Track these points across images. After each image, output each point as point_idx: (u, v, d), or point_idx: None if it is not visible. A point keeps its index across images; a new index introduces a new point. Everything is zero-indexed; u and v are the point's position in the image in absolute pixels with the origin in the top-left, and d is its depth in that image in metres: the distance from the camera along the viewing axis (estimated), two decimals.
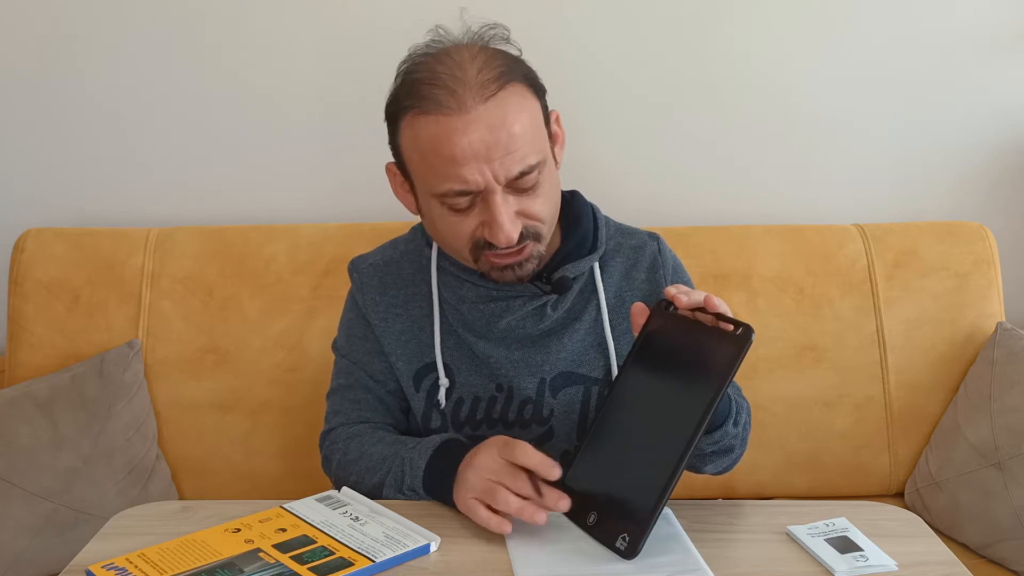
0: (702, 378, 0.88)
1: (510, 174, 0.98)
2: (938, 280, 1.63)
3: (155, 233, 1.66)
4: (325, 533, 0.92)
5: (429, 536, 0.92)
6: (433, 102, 0.97)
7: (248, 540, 0.91)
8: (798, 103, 1.77)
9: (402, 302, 1.15)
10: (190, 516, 0.98)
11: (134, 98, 1.74)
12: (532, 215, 1.03)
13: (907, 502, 1.60)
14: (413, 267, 1.16)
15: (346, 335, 1.19)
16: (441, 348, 1.12)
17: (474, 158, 0.97)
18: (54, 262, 1.61)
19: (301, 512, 0.96)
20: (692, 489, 1.55)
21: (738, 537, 0.97)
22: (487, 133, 0.96)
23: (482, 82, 0.97)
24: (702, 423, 0.86)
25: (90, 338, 1.59)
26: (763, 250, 1.65)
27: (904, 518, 1.01)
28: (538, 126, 1.02)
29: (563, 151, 1.11)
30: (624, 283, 1.15)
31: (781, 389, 1.61)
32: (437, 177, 0.99)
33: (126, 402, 1.54)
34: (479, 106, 0.97)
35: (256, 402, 1.60)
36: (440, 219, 1.04)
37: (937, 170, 1.81)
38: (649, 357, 0.95)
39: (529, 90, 1.02)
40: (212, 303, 1.61)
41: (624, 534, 0.88)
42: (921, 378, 1.62)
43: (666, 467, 0.87)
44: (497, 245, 1.01)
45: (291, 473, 1.59)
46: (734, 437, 1.05)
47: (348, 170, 1.77)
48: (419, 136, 0.99)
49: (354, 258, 1.21)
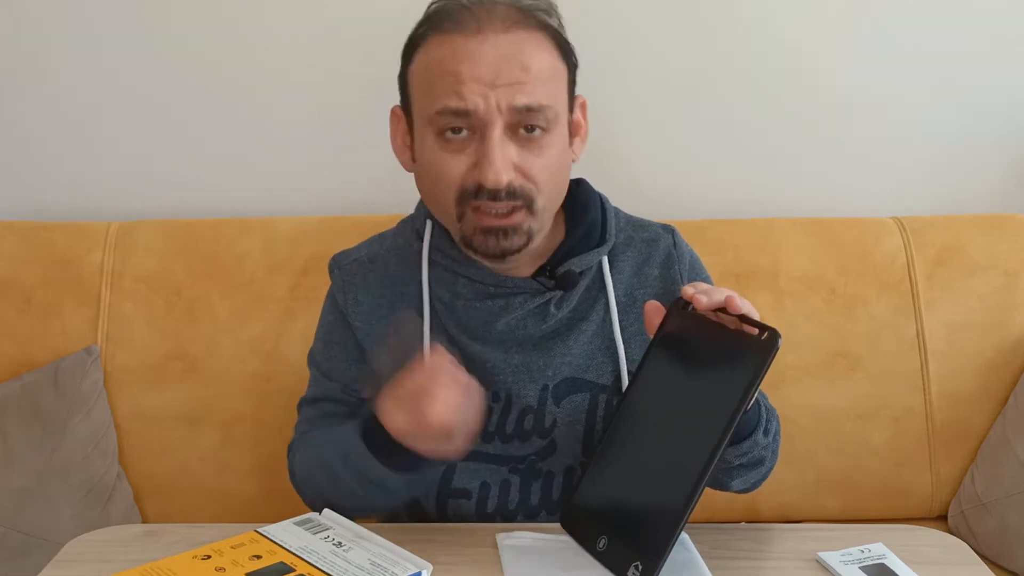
0: (725, 387, 0.88)
1: (513, 102, 1.00)
2: (985, 279, 1.63)
3: (116, 227, 1.66)
4: (304, 560, 0.92)
5: (420, 564, 0.91)
6: (454, 23, 1.01)
7: (219, 568, 0.90)
8: (827, 84, 1.77)
9: (388, 302, 1.15)
10: (155, 541, 0.98)
11: (93, 82, 1.74)
12: (529, 174, 1.03)
13: (951, 526, 1.60)
14: (401, 264, 1.16)
15: (323, 341, 1.19)
16: None
17: (478, 79, 0.99)
18: (3, 259, 1.62)
19: (278, 537, 0.96)
20: (712, 511, 1.55)
21: (764, 564, 0.97)
22: (498, 60, 0.99)
23: (509, 16, 1.02)
24: (724, 437, 0.86)
25: (43, 344, 1.59)
26: (790, 245, 1.65)
27: (947, 544, 1.01)
28: (558, 83, 1.05)
29: (583, 146, 1.13)
30: (635, 279, 1.15)
31: (810, 400, 1.60)
32: (435, 94, 1.01)
33: (83, 414, 1.53)
34: (499, 35, 1.00)
35: (228, 414, 1.59)
36: (431, 155, 1.04)
37: (983, 158, 1.81)
38: (665, 362, 0.95)
39: (557, 50, 1.05)
40: (179, 304, 1.61)
41: (637, 562, 0.88)
42: (966, 387, 1.62)
43: (685, 487, 0.87)
44: (484, 184, 1.00)
45: (266, 493, 1.59)
46: (764, 448, 1.04)
47: (329, 158, 1.77)
48: (430, 54, 1.03)
49: (335, 254, 1.21)
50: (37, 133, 1.76)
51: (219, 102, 1.76)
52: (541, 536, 0.99)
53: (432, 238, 1.13)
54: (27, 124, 1.76)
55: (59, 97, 1.75)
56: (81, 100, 1.75)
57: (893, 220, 1.69)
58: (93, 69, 1.74)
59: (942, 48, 1.76)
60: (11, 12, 1.72)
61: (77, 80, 1.74)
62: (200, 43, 1.74)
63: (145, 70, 1.74)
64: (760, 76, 1.77)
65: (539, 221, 1.06)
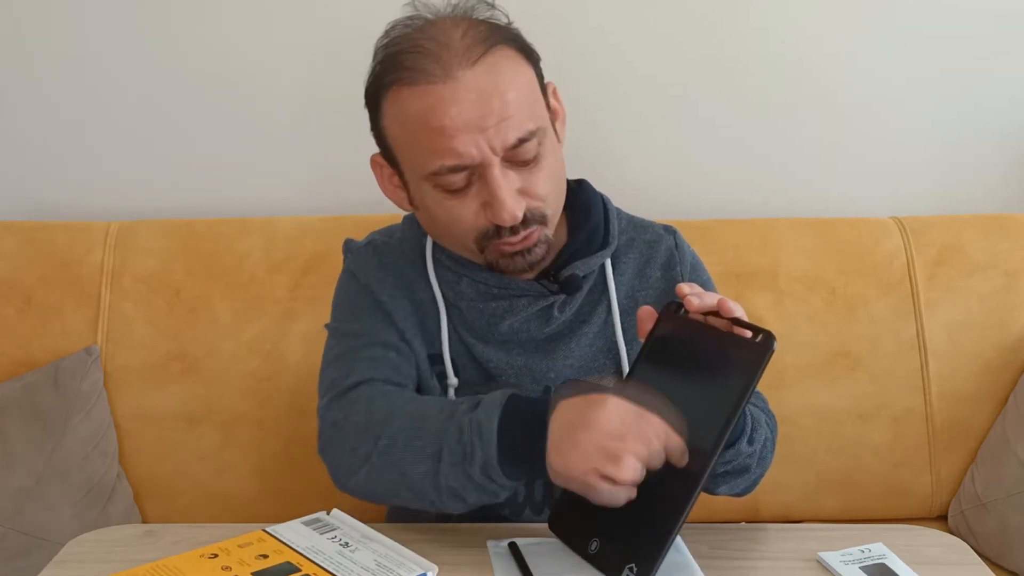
0: (719, 391, 0.88)
1: (507, 142, 0.98)
2: (985, 279, 1.63)
3: (116, 227, 1.66)
4: (310, 560, 0.92)
5: (425, 565, 0.92)
6: (417, 71, 0.97)
7: (225, 567, 0.91)
8: (828, 84, 1.78)
9: (405, 284, 1.13)
10: (155, 541, 0.98)
11: (93, 81, 1.75)
12: (535, 194, 1.02)
13: (951, 526, 1.60)
14: (414, 252, 1.15)
15: (348, 308, 1.13)
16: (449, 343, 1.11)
17: (466, 128, 0.97)
18: (3, 259, 1.62)
19: (285, 537, 0.96)
20: (712, 511, 1.55)
21: (763, 564, 0.97)
22: (478, 99, 0.97)
23: (468, 46, 0.98)
24: (720, 441, 0.86)
25: (43, 344, 1.59)
26: (790, 246, 1.65)
27: (948, 543, 1.02)
28: (534, 93, 1.03)
29: (564, 128, 1.11)
30: (637, 281, 1.15)
31: (811, 400, 1.61)
32: (427, 154, 0.99)
33: (83, 415, 1.54)
34: (467, 71, 0.97)
35: (228, 414, 1.60)
36: (436, 206, 1.04)
37: (984, 158, 1.82)
38: (657, 365, 0.94)
39: (520, 55, 1.03)
40: (179, 304, 1.61)
41: (632, 564, 0.87)
42: (967, 388, 1.62)
43: (681, 490, 0.86)
44: (501, 225, 1.01)
45: (267, 493, 1.59)
46: (749, 456, 1.04)
47: (329, 158, 1.77)
48: (404, 111, 1.00)
49: (347, 239, 1.20)
50: (37, 134, 1.76)
51: (219, 103, 1.76)
52: (531, 541, 0.97)
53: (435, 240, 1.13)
54: (27, 125, 1.76)
55: (59, 98, 1.75)
56: (81, 101, 1.75)
57: (893, 220, 1.69)
58: (93, 70, 1.74)
59: (942, 49, 1.76)
60: (11, 12, 1.72)
61: (77, 81, 1.74)
62: (200, 45, 1.74)
63: (145, 71, 1.74)
64: (760, 77, 1.77)
65: (553, 225, 1.07)
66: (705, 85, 1.77)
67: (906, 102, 1.79)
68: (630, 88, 1.77)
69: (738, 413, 0.86)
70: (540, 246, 1.05)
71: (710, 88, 1.78)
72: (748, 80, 1.77)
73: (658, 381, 0.93)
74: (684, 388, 0.91)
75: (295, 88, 1.76)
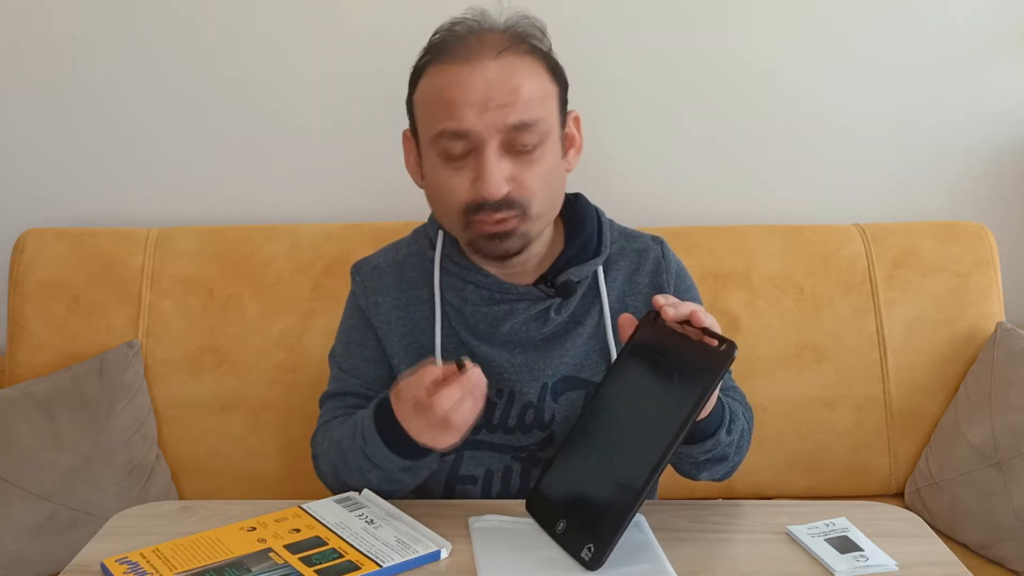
0: (682, 391, 0.88)
1: (506, 121, 1.00)
2: (938, 280, 1.64)
3: (155, 233, 1.66)
4: (338, 535, 0.93)
5: (440, 542, 0.92)
6: (448, 53, 1.03)
7: (261, 539, 0.92)
8: (798, 102, 1.78)
9: (404, 304, 1.15)
10: (189, 516, 0.99)
11: (135, 98, 1.75)
12: (524, 184, 1.03)
13: (907, 502, 1.60)
14: (416, 269, 1.16)
15: (344, 343, 1.19)
16: (442, 352, 1.12)
17: (471, 104, 1.00)
18: (54, 262, 1.62)
19: (318, 513, 0.97)
20: (692, 489, 1.55)
21: (738, 537, 0.98)
22: (490, 85, 1.00)
23: (499, 42, 1.02)
24: (677, 437, 0.87)
25: (90, 338, 1.60)
26: (763, 250, 1.65)
27: (904, 518, 1.02)
28: (548, 102, 1.05)
29: (577, 158, 1.12)
30: (627, 287, 1.15)
31: (781, 389, 1.61)
32: (435, 118, 1.02)
33: (126, 402, 1.54)
34: (490, 62, 1.01)
35: (256, 402, 1.60)
36: (435, 173, 1.05)
37: (937, 170, 1.82)
38: (631, 368, 0.95)
39: (546, 71, 1.05)
40: (212, 303, 1.61)
41: (590, 544, 0.88)
42: (921, 378, 1.63)
43: (637, 479, 0.87)
44: (485, 198, 1.01)
45: (291, 473, 1.60)
46: (728, 445, 1.05)
47: (349, 170, 1.77)
48: (429, 84, 1.04)
49: (356, 261, 1.21)
50: (86, 150, 1.77)
51: (250, 120, 1.76)
52: (508, 519, 0.98)
53: (443, 247, 1.14)
54: (77, 142, 1.76)
55: (105, 116, 1.75)
56: (125, 118, 1.76)
57: (855, 227, 1.69)
58: (135, 91, 1.74)
59: (900, 68, 1.77)
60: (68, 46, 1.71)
61: (123, 101, 1.75)
62: (232, 69, 1.74)
63: (183, 92, 1.75)
64: (736, 94, 1.78)
65: (536, 226, 1.06)
66: (686, 102, 1.78)
67: (867, 120, 1.79)
68: (617, 104, 1.77)
69: (696, 411, 0.87)
70: (516, 239, 1.05)
71: (691, 105, 1.78)
72: (726, 97, 1.78)
73: (632, 379, 0.94)
74: (654, 386, 0.92)
75: (320, 108, 1.76)
